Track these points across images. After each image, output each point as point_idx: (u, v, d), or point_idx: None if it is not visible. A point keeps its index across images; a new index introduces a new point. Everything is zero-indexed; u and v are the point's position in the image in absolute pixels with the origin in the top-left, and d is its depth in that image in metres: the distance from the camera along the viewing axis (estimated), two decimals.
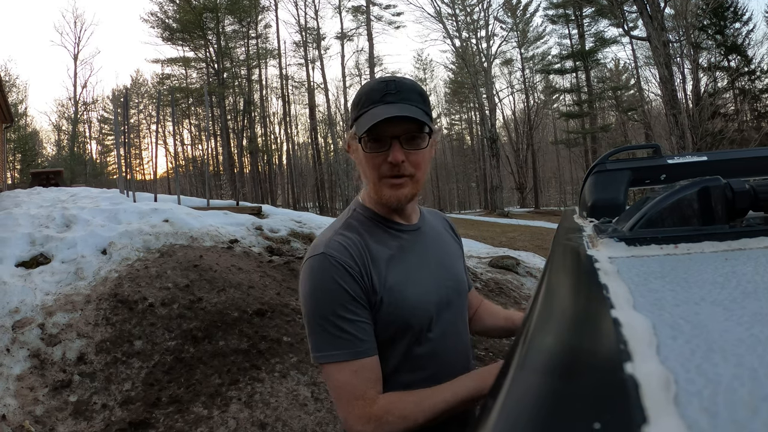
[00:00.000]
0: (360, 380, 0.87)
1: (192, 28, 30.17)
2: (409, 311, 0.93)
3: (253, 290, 4.09)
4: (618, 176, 0.96)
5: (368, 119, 0.90)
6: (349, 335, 0.87)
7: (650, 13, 13.45)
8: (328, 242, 0.93)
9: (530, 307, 0.53)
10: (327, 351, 0.87)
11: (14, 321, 3.44)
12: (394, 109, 0.90)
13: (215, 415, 2.87)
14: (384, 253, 0.96)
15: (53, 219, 5.29)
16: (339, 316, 0.87)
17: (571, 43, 32.69)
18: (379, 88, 0.94)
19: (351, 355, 0.87)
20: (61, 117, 40.40)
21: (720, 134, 17.67)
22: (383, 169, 0.93)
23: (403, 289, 0.94)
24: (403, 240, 1.00)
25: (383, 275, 0.93)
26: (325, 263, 0.89)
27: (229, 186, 29.40)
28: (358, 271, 0.90)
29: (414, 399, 0.87)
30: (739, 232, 0.50)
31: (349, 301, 0.88)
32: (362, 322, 0.89)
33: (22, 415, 2.75)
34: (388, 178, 0.93)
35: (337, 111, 35.86)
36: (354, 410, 0.86)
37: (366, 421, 0.85)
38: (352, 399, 0.86)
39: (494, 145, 26.43)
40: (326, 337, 0.87)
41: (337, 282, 0.88)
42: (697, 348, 0.26)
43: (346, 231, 0.97)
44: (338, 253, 0.90)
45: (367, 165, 0.94)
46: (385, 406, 0.86)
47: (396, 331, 0.93)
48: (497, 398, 0.34)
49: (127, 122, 9.19)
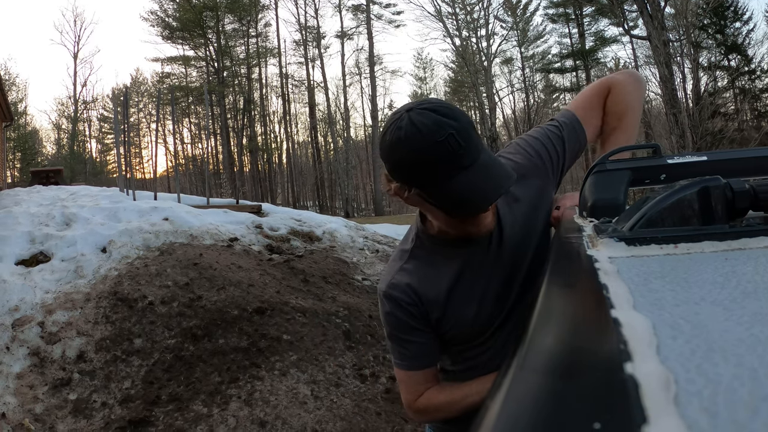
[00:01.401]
0: (413, 383, 1.08)
1: (192, 27, 30.15)
2: (468, 328, 1.05)
3: (253, 288, 4.09)
4: (618, 176, 0.96)
5: (460, 201, 0.83)
6: (409, 353, 1.06)
7: (650, 12, 13.45)
8: (389, 284, 1.04)
9: (530, 307, 0.53)
10: (395, 359, 1.10)
11: (14, 319, 3.44)
12: (486, 183, 0.82)
13: (215, 413, 2.87)
14: (446, 276, 1.02)
15: (53, 217, 5.29)
16: (401, 339, 1.06)
17: (571, 42, 32.70)
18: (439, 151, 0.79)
19: (409, 367, 1.07)
20: (61, 116, 40.34)
21: (720, 134, 17.67)
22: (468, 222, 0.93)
23: (459, 309, 1.03)
24: (469, 255, 1.00)
25: (442, 301, 1.02)
26: (390, 301, 1.04)
27: (229, 184, 29.40)
28: (416, 305, 1.02)
29: (445, 397, 1.05)
30: (739, 231, 0.50)
31: (408, 329, 1.04)
32: (421, 344, 1.05)
33: (22, 413, 2.75)
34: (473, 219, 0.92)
35: (336, 110, 35.85)
36: (407, 400, 1.09)
37: (413, 412, 1.10)
38: (406, 392, 1.09)
39: (494, 144, 26.43)
40: (393, 350, 1.09)
41: (398, 316, 1.03)
42: (697, 348, 0.26)
43: (409, 264, 1.05)
44: (399, 294, 1.02)
45: (447, 221, 0.93)
46: (424, 400, 1.06)
47: (458, 343, 1.09)
48: (497, 398, 0.34)
49: (127, 121, 9.18)
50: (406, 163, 0.83)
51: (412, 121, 0.80)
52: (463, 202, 0.83)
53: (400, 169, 0.85)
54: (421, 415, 1.10)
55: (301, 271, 4.67)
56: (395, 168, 0.86)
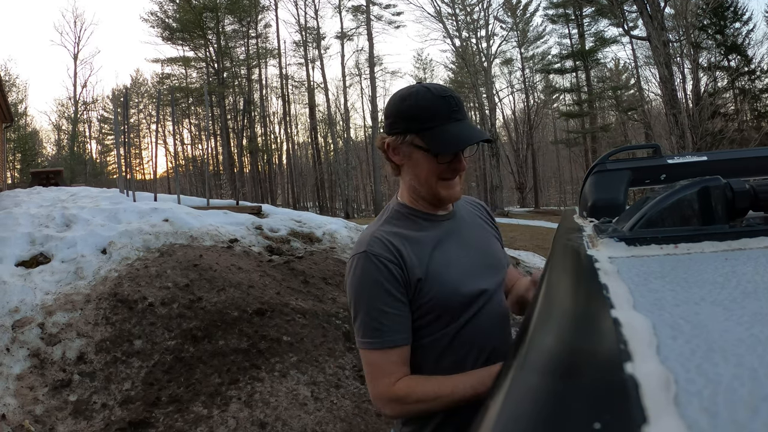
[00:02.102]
0: (387, 363, 0.99)
1: (192, 28, 30.16)
2: (450, 292, 1.03)
3: (253, 290, 4.09)
4: (618, 176, 0.96)
5: (449, 139, 1.02)
6: (384, 326, 0.99)
7: (650, 13, 13.46)
8: (370, 239, 1.03)
9: (530, 307, 0.53)
10: (364, 338, 1.00)
11: (14, 320, 3.44)
12: (470, 131, 1.03)
13: (215, 415, 2.87)
14: (427, 240, 1.06)
15: (53, 218, 5.29)
16: (378, 310, 0.99)
17: (571, 42, 32.68)
18: (441, 104, 1.03)
19: (384, 344, 0.99)
20: (61, 116, 40.34)
21: (720, 134, 17.68)
22: (445, 173, 1.05)
23: (444, 271, 1.04)
24: (443, 227, 1.11)
25: (426, 260, 1.03)
26: (368, 261, 1.00)
27: (229, 185, 29.40)
28: (397, 263, 1.00)
29: (432, 388, 0.98)
30: (739, 232, 0.50)
31: (386, 297, 0.99)
32: (398, 315, 1.00)
33: (22, 415, 2.75)
34: (446, 181, 1.06)
35: (337, 111, 35.86)
36: (379, 387, 0.99)
37: (389, 399, 0.99)
38: (380, 377, 0.99)
39: (494, 145, 26.42)
40: (364, 327, 1.00)
41: (378, 280, 0.99)
42: (697, 348, 0.26)
43: (388, 226, 1.08)
44: (380, 250, 1.01)
45: (428, 169, 1.05)
46: (405, 388, 0.98)
47: (440, 311, 1.03)
48: (497, 398, 0.34)
49: (127, 122, 9.19)
50: (412, 111, 1.03)
51: (423, 86, 1.06)
52: (453, 139, 1.01)
53: (405, 117, 1.04)
54: (397, 404, 0.99)
55: (301, 273, 4.67)
56: (399, 117, 1.05)
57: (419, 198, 1.10)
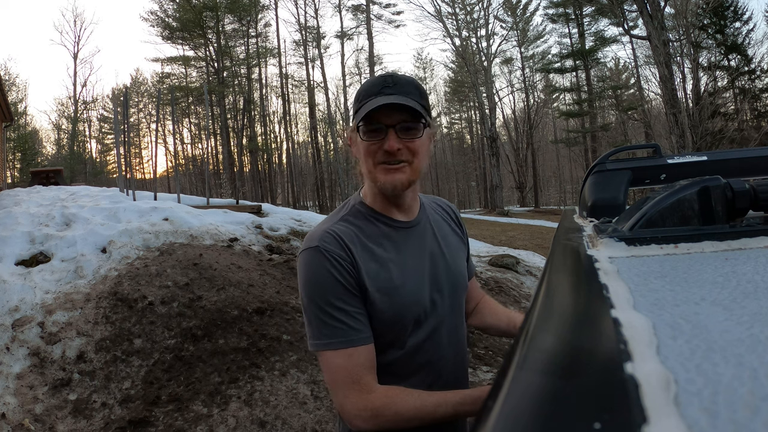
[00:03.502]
0: (354, 366, 0.89)
1: (192, 27, 30.12)
2: (400, 307, 0.95)
3: (253, 289, 4.09)
4: (618, 176, 0.96)
5: (365, 109, 0.95)
6: (343, 324, 0.90)
7: (650, 12, 13.45)
8: (322, 235, 0.96)
9: (530, 307, 0.53)
10: (322, 339, 0.91)
11: (14, 319, 3.44)
12: (390, 99, 0.93)
13: (215, 414, 2.87)
14: (377, 251, 0.98)
15: (53, 217, 5.29)
16: (333, 306, 0.90)
17: (571, 42, 32.67)
18: (377, 82, 0.99)
19: (345, 343, 0.89)
20: (60, 116, 40.38)
21: (720, 133, 17.68)
22: (379, 156, 0.96)
23: (394, 286, 0.96)
24: (398, 237, 1.02)
25: (374, 272, 0.95)
26: (319, 255, 0.92)
27: (229, 185, 29.38)
28: (350, 262, 0.93)
29: (414, 403, 0.88)
30: (739, 231, 0.50)
31: (342, 291, 0.91)
32: (356, 311, 0.92)
33: (22, 414, 2.75)
34: (384, 164, 0.96)
35: (337, 110, 35.85)
36: (350, 396, 0.88)
37: (362, 409, 0.87)
38: (348, 384, 0.88)
39: (494, 144, 26.42)
40: (322, 326, 0.91)
41: (331, 273, 0.91)
42: (697, 348, 0.26)
43: (341, 224, 1.00)
44: (332, 246, 0.93)
45: (365, 153, 0.98)
46: (383, 399, 0.88)
47: (390, 325, 0.96)
48: (497, 398, 0.34)
49: (126, 121, 9.19)
50: (356, 96, 1.01)
51: None
52: (368, 107, 0.94)
53: (353, 105, 1.01)
54: (372, 417, 0.86)
55: None
56: (352, 105, 1.03)
57: (376, 195, 1.02)
